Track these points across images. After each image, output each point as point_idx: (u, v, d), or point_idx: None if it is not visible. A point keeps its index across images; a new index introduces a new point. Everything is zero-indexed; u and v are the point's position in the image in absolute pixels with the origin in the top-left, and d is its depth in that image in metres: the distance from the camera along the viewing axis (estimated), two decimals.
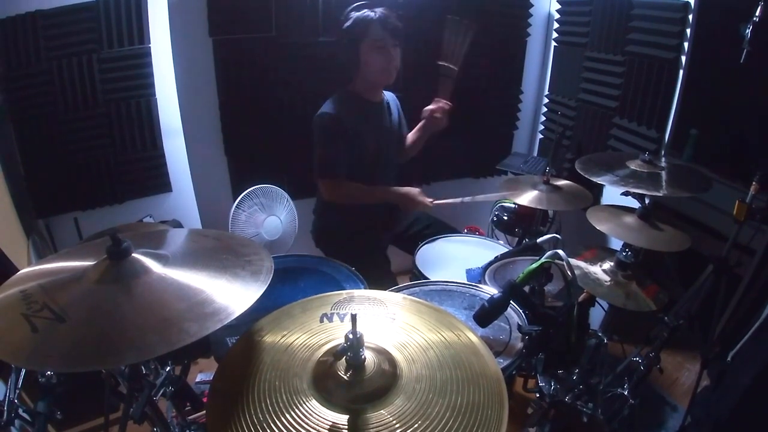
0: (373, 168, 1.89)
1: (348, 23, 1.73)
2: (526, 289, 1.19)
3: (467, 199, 1.88)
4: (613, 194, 1.87)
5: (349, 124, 1.77)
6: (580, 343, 1.17)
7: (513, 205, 2.33)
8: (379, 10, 1.73)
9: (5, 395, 1.04)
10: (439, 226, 2.08)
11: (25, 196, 1.98)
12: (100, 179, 2.16)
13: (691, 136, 1.94)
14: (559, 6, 2.60)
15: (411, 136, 2.09)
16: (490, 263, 1.64)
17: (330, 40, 2.17)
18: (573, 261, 1.30)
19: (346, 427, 0.68)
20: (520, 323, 1.26)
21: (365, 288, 1.47)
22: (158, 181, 2.30)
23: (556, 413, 1.14)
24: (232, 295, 0.79)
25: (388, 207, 2.07)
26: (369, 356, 0.78)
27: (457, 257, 1.82)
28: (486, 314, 1.08)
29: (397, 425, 0.68)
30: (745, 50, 1.45)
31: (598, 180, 1.52)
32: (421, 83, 2.48)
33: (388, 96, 2.01)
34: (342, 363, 0.77)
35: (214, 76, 2.16)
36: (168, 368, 1.08)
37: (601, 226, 1.44)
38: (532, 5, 2.61)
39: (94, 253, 0.86)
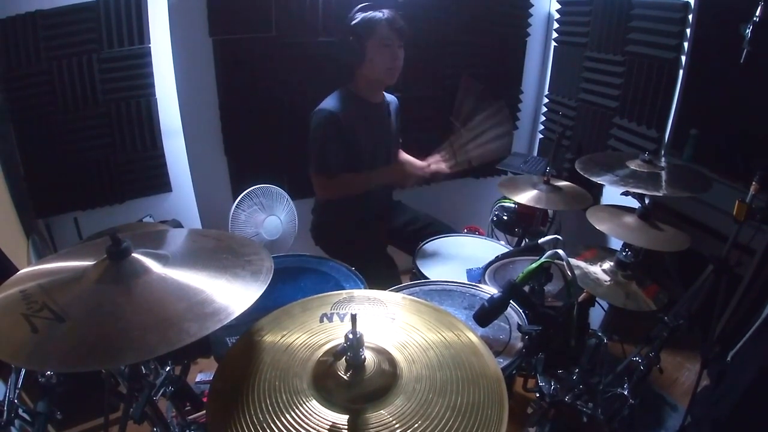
0: (369, 168, 1.90)
1: (356, 21, 1.74)
2: (526, 288, 1.19)
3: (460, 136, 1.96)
4: (613, 194, 1.87)
5: (346, 123, 1.77)
6: (580, 343, 1.17)
7: (513, 205, 2.33)
8: (386, 11, 1.76)
9: (5, 395, 1.03)
10: (439, 226, 2.08)
11: (25, 196, 1.98)
12: (100, 179, 2.16)
13: (691, 136, 1.94)
14: (559, 6, 2.60)
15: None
16: (490, 263, 1.64)
17: (330, 40, 2.18)
18: (573, 261, 1.30)
19: (346, 427, 0.68)
20: (520, 323, 1.26)
21: (365, 287, 1.47)
22: (158, 181, 2.30)
23: (556, 413, 1.14)
24: (232, 295, 0.79)
25: (385, 202, 2.07)
26: (369, 356, 0.78)
27: (457, 257, 1.82)
28: (486, 314, 1.08)
29: (397, 425, 0.68)
30: (745, 50, 1.45)
31: (598, 180, 1.52)
32: (420, 84, 2.50)
33: (390, 98, 2.01)
34: (342, 363, 0.77)
35: (214, 76, 2.16)
36: (168, 368, 1.07)
37: (601, 226, 1.44)
38: (532, 5, 2.61)
39: (94, 253, 0.86)
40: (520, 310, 1.30)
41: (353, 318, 0.75)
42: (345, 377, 0.75)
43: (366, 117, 1.87)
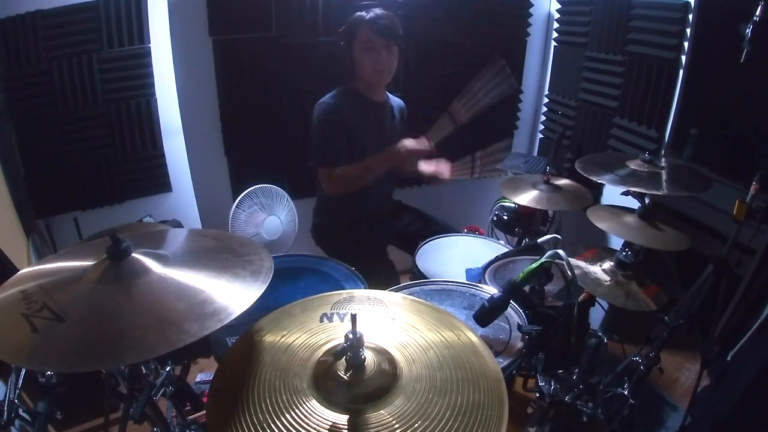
0: None
1: (344, 25, 1.75)
2: (526, 288, 1.19)
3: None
4: (613, 195, 1.87)
5: (347, 117, 1.78)
6: (580, 343, 1.17)
7: (513, 205, 2.33)
8: (372, 11, 1.74)
9: (5, 395, 1.04)
10: (439, 226, 2.08)
11: (25, 196, 1.98)
12: (100, 179, 2.16)
13: (691, 136, 1.94)
14: (559, 6, 2.60)
15: None
16: (490, 263, 1.64)
17: (330, 40, 2.18)
18: (573, 261, 1.30)
19: (346, 427, 0.68)
20: (520, 323, 1.26)
21: (365, 287, 1.47)
22: (158, 181, 2.30)
23: (556, 413, 1.14)
24: (232, 295, 0.79)
25: (385, 202, 2.07)
26: (369, 356, 0.78)
27: (457, 257, 1.82)
28: (486, 314, 1.08)
29: (397, 425, 0.68)
30: (745, 50, 1.45)
31: (599, 180, 1.52)
32: (420, 84, 2.50)
33: (395, 101, 2.01)
34: (342, 363, 0.77)
35: (214, 76, 2.16)
36: (168, 368, 1.08)
37: (601, 224, 1.44)
38: (532, 5, 2.61)
39: (94, 253, 0.86)
40: (520, 310, 1.30)
41: (353, 318, 0.75)
42: (345, 377, 0.75)
43: (367, 114, 1.87)
